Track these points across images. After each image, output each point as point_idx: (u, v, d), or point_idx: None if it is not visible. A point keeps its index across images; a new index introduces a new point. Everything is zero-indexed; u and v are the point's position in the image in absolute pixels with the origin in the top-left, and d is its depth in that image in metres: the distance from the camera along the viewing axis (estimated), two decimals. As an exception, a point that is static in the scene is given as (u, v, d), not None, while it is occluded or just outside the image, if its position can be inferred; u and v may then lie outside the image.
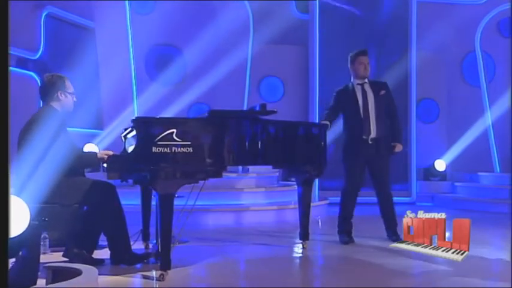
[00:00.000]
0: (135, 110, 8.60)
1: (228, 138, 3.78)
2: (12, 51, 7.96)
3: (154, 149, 3.53)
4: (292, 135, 4.49)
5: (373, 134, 5.28)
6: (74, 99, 4.17)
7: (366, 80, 5.49)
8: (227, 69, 9.61)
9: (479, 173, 9.71)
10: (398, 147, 5.49)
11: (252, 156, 4.00)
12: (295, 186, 8.22)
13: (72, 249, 3.97)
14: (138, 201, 4.89)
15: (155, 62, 9.65)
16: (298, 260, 4.78)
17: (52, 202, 3.78)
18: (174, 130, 3.55)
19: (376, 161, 5.37)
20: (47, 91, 4.09)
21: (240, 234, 6.01)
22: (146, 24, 9.45)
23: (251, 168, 8.21)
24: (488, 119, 10.33)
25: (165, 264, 3.65)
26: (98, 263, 3.99)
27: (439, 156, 10.23)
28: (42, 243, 4.41)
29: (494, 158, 10.28)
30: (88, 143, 6.96)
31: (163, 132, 3.53)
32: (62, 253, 4.10)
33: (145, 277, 3.76)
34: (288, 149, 4.43)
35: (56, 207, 3.77)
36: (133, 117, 3.63)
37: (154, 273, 3.79)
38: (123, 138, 4.56)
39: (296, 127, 4.62)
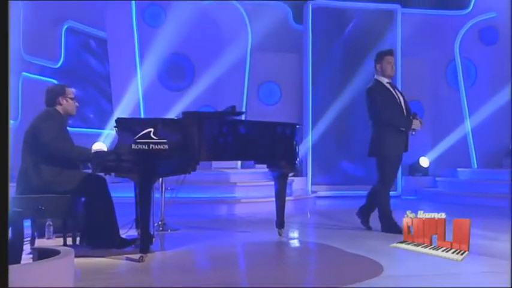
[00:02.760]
0: (141, 111, 8.74)
1: (201, 136, 3.87)
2: (36, 60, 8.20)
3: (134, 146, 3.66)
4: (265, 134, 4.57)
5: (407, 133, 5.22)
6: (76, 104, 4.34)
7: (390, 80, 5.35)
8: (230, 75, 9.76)
9: (458, 169, 9.71)
10: None
11: (224, 152, 4.10)
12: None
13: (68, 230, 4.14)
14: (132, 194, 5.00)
15: (165, 70, 9.79)
16: (273, 245, 4.81)
17: (50, 191, 3.96)
18: (152, 129, 3.67)
19: (401, 157, 5.31)
20: (50, 99, 4.29)
21: (230, 224, 6.11)
22: (157, 36, 9.62)
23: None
24: (467, 120, 10.31)
25: (144, 248, 3.78)
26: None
27: (423, 153, 10.24)
28: (46, 229, 4.60)
29: (472, 155, 10.24)
30: (97, 141, 7.11)
31: (141, 131, 3.66)
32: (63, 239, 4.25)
33: (128, 259, 3.87)
34: (261, 147, 4.51)
35: (52, 197, 3.92)
36: (116, 118, 3.77)
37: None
38: (117, 137, 4.70)
39: (268, 126, 4.67)
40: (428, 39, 10.44)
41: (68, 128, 4.45)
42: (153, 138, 3.67)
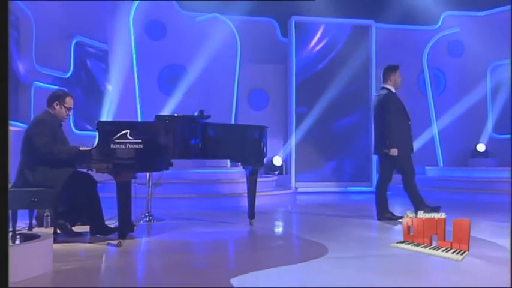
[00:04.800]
0: (139, 115, 8.89)
1: (173, 137, 4.02)
2: (47, 71, 8.39)
3: (112, 146, 3.81)
4: (236, 136, 4.71)
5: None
6: (69, 113, 4.43)
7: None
8: (223, 83, 9.92)
9: (427, 167, 9.81)
10: None
11: (196, 151, 4.20)
12: (268, 178, 8.46)
13: (58, 220, 4.28)
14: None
15: (164, 78, 9.95)
16: (243, 233, 4.92)
17: (43, 187, 4.10)
18: (128, 131, 3.82)
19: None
20: (49, 100, 4.40)
21: (213, 216, 6.14)
22: (158, 48, 9.79)
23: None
24: (434, 123, 10.41)
25: (122, 235, 3.93)
26: (76, 235, 4.30)
27: (396, 153, 10.33)
28: (45, 220, 4.76)
29: (439, 154, 10.34)
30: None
31: (119, 132, 3.81)
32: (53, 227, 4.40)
33: (109, 244, 4.01)
34: (232, 147, 4.64)
35: (43, 190, 4.07)
36: (96, 121, 3.91)
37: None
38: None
39: (239, 129, 4.83)
40: (401, 52, 10.53)
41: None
42: (129, 139, 3.82)
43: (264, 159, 4.99)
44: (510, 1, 9.00)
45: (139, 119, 8.58)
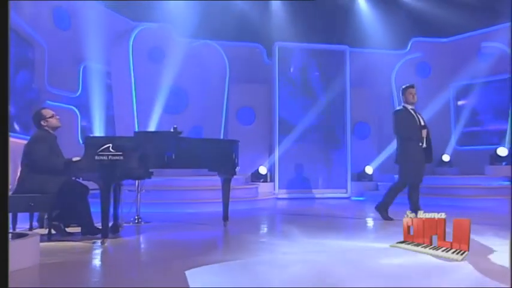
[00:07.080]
0: (136, 128, 9.13)
1: (150, 150, 4.22)
2: (59, 91, 8.66)
3: (96, 157, 4.03)
4: (210, 148, 4.89)
5: (423, 146, 5.61)
6: (56, 117, 4.64)
7: (413, 106, 5.77)
8: (214, 101, 10.16)
9: (395, 175, 9.92)
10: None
11: (169, 162, 4.34)
12: (252, 185, 8.61)
13: (53, 222, 4.49)
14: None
15: (164, 97, 10.20)
16: (218, 233, 5.04)
17: (40, 192, 4.31)
18: (110, 144, 4.04)
19: (423, 164, 5.67)
20: (35, 123, 4.64)
21: (197, 219, 6.26)
22: (158, 71, 10.06)
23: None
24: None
25: (105, 234, 4.13)
26: (69, 235, 4.51)
27: (369, 163, 10.52)
28: (45, 222, 4.96)
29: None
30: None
31: (102, 146, 4.03)
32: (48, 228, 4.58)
33: (94, 242, 4.22)
34: (207, 158, 4.80)
35: (39, 196, 4.28)
36: (84, 136, 4.14)
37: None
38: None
39: (213, 142, 5.01)
40: (373, 74, 10.79)
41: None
42: (111, 151, 4.03)
43: (236, 169, 5.17)
44: (511, 18, 8.95)
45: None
